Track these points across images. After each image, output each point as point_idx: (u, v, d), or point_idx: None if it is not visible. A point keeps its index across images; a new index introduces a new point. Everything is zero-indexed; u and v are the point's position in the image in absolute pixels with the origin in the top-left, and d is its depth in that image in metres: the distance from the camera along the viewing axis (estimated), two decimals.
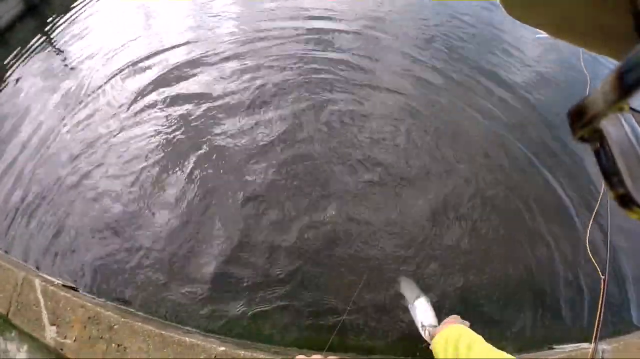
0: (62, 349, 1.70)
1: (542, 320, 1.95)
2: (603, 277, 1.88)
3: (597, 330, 1.57)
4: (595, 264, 1.93)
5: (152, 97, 3.09)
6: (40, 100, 3.31)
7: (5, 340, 1.89)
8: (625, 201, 0.18)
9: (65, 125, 3.02)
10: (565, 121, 0.20)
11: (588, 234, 2.04)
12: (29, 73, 3.66)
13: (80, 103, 3.18)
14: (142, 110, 3.00)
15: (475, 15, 3.83)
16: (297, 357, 0.49)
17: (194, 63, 3.33)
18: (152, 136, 2.80)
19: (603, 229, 2.14)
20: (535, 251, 2.15)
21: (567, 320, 1.96)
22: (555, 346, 1.81)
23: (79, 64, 3.62)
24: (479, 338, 0.92)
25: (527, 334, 1.91)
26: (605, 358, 1.62)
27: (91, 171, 2.64)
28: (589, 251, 1.98)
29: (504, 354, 0.81)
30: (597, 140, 0.19)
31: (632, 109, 0.18)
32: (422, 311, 1.66)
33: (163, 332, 1.45)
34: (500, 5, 0.27)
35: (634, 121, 0.18)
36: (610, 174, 0.18)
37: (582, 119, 0.19)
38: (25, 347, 1.86)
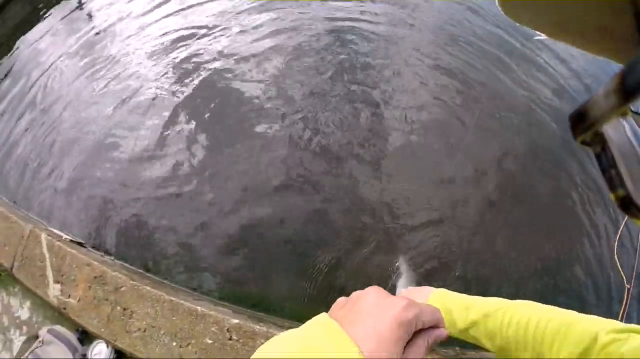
0: (64, 309, 1.65)
1: None
2: (628, 286, 1.81)
3: None
4: (621, 271, 1.86)
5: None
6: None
7: (8, 295, 1.85)
8: (626, 204, 0.18)
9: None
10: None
11: (617, 239, 1.96)
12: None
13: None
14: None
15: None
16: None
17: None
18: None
19: (633, 234, 2.05)
20: (563, 243, 2.06)
21: None
22: None
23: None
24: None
25: None
26: None
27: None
28: (616, 256, 1.90)
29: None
30: (599, 144, 0.19)
31: (634, 112, 0.18)
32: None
33: (173, 299, 1.39)
34: (498, 6, 0.26)
35: (635, 124, 0.18)
36: (612, 177, 0.18)
37: (583, 123, 0.19)
38: (27, 303, 1.82)
